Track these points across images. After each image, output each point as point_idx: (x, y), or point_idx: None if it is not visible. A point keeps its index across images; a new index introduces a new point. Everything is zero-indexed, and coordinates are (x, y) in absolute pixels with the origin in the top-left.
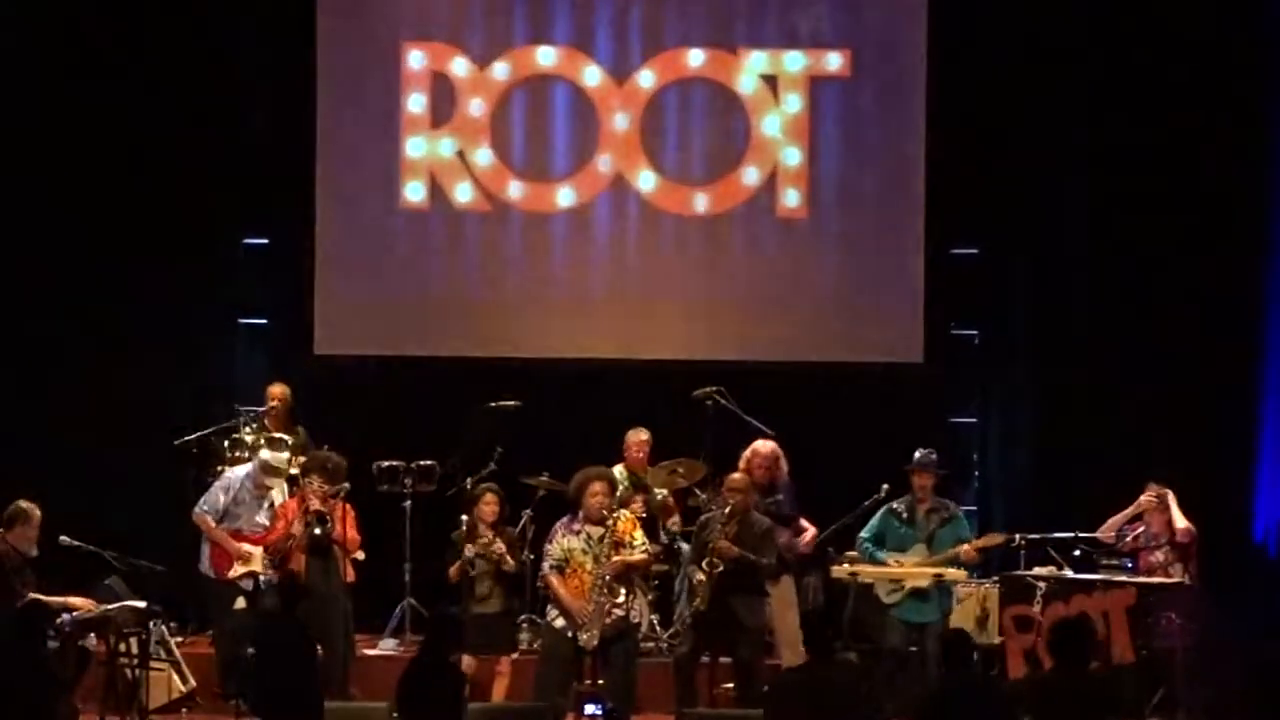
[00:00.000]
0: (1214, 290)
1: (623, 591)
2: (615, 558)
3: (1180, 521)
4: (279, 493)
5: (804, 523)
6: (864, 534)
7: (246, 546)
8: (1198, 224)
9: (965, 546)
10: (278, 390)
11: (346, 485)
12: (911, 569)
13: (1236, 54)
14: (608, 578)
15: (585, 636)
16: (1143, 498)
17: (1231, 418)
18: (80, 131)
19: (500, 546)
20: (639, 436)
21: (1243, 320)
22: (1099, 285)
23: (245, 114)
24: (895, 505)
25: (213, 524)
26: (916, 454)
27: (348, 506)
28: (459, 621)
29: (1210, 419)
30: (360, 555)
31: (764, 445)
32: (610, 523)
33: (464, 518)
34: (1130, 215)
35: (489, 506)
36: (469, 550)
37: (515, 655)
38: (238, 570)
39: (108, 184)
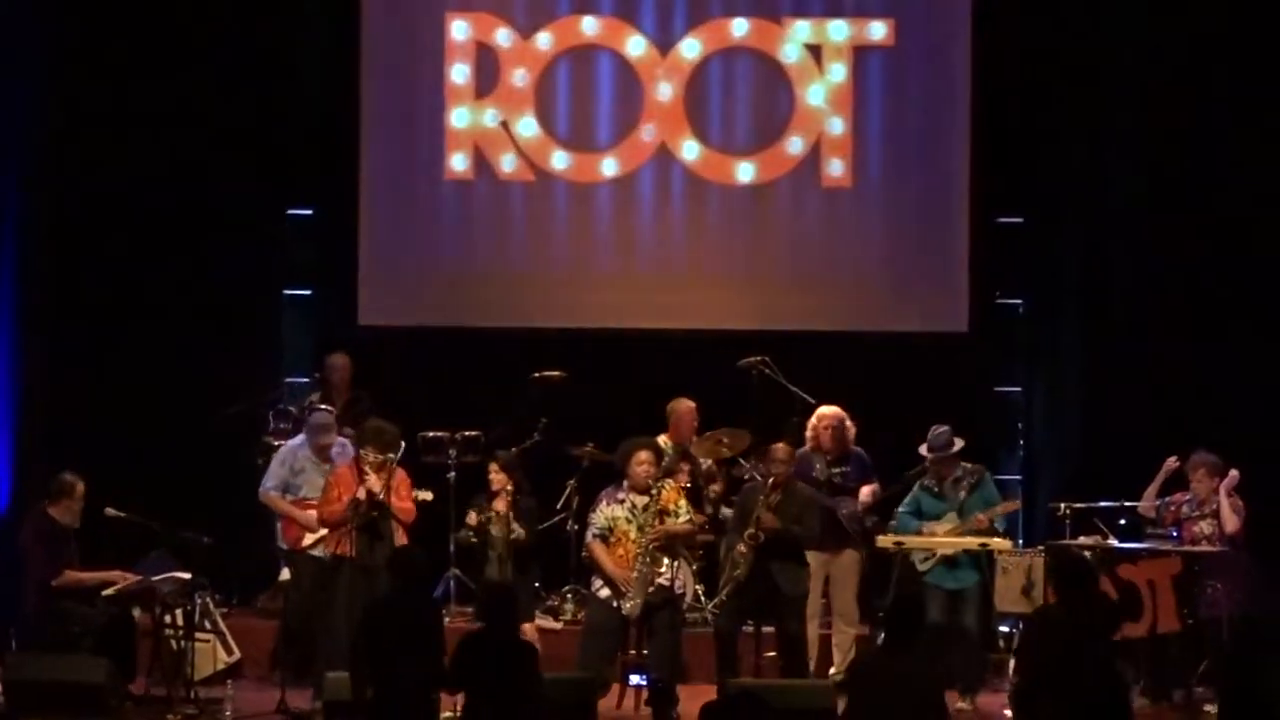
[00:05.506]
0: (1266, 256)
1: (666, 561)
2: (659, 527)
3: (1230, 523)
4: (337, 449)
5: (865, 489)
6: (902, 508)
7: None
8: (1249, 189)
9: (980, 515)
10: (341, 360)
11: (394, 455)
12: (950, 538)
13: None
14: (651, 547)
15: (628, 605)
16: (1168, 462)
17: None
18: (122, 104)
19: (500, 508)
20: (683, 406)
21: None
22: (1145, 253)
23: (289, 84)
24: (925, 480)
25: (279, 499)
26: (930, 438)
27: (402, 474)
28: (512, 592)
29: (1259, 388)
30: (428, 496)
31: (827, 409)
32: (655, 492)
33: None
34: (1178, 182)
35: (495, 476)
36: (471, 519)
37: (534, 624)
38: (310, 539)
39: (150, 155)
